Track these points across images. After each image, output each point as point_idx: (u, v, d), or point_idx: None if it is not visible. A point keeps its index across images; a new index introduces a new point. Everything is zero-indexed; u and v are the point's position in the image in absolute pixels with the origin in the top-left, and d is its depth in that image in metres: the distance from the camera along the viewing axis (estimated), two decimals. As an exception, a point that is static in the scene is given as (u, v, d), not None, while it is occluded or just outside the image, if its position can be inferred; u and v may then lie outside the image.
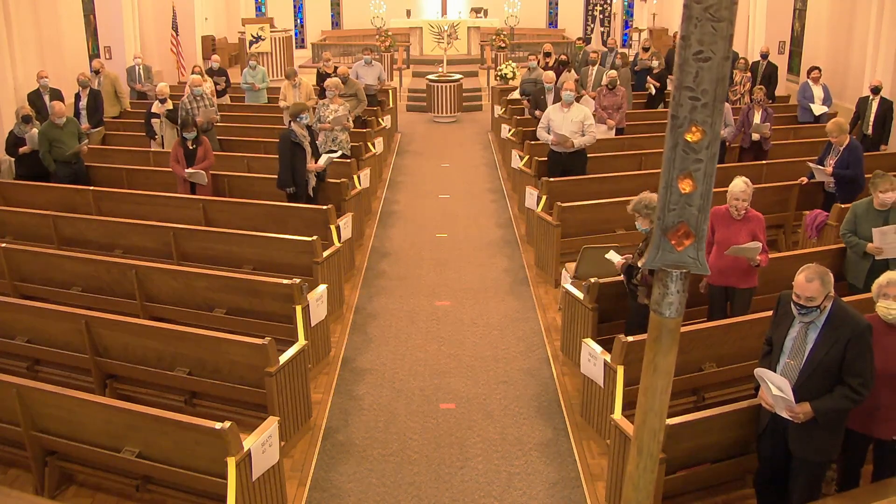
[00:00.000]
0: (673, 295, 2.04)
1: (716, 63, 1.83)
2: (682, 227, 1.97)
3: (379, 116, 12.13)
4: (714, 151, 1.90)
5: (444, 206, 10.19)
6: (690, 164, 1.90)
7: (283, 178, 7.61)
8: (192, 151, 8.04)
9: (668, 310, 2.06)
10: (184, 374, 4.93)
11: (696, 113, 1.87)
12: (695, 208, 1.94)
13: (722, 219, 5.41)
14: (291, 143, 7.53)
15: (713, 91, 1.85)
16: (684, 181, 1.91)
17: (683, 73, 1.86)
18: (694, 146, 1.88)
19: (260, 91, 12.65)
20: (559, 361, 6.13)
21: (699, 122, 1.87)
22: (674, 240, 1.98)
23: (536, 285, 7.61)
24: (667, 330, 2.07)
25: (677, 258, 2.01)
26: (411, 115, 16.38)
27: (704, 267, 2.01)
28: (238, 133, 10.70)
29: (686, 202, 1.94)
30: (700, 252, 1.99)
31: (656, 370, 2.13)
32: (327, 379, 5.90)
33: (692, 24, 1.81)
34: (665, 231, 1.98)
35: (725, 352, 4.91)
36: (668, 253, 2.01)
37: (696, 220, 1.96)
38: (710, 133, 1.88)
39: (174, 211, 7.62)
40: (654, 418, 2.18)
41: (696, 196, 1.93)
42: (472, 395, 5.66)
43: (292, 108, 7.73)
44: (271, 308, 5.62)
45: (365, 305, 7.19)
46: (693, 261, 2.01)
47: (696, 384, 4.94)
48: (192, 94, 9.77)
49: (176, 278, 5.89)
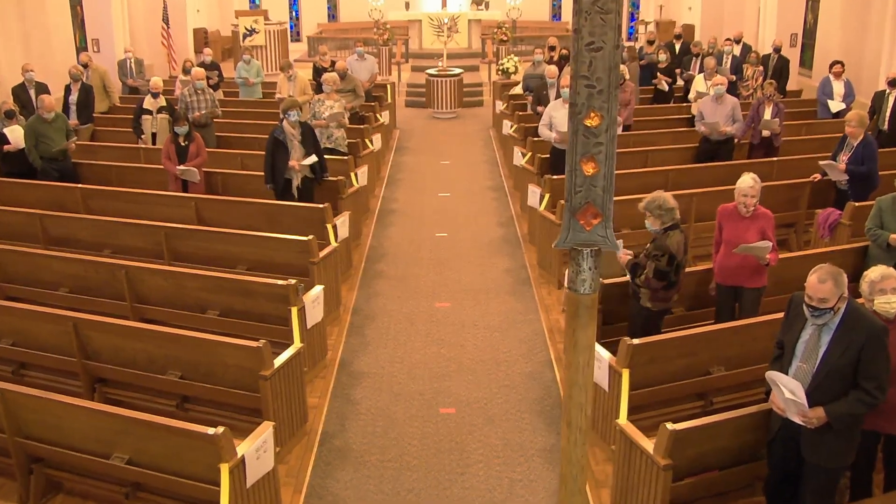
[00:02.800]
0: (586, 272, 2.21)
1: (607, 52, 2.00)
2: (588, 207, 2.14)
3: (377, 112, 12.12)
4: (613, 134, 2.09)
5: (443, 205, 10.19)
6: (592, 147, 2.08)
7: (265, 175, 7.73)
8: (184, 148, 8.04)
9: (583, 286, 2.24)
10: (175, 377, 4.92)
11: (593, 100, 2.05)
12: (599, 189, 2.13)
13: (730, 216, 5.41)
14: (274, 140, 7.56)
15: (607, 78, 2.02)
16: (587, 164, 2.10)
17: (578, 64, 2.03)
18: (594, 130, 2.06)
19: (255, 86, 12.63)
20: (563, 364, 6.11)
21: (597, 108, 2.05)
22: (582, 220, 2.15)
23: (539, 286, 7.61)
24: (583, 306, 2.25)
25: (587, 237, 2.18)
26: (410, 110, 16.37)
27: (614, 244, 2.17)
28: (232, 129, 10.69)
29: (591, 183, 2.12)
30: (608, 230, 2.17)
31: (577, 345, 2.30)
32: (324, 383, 5.90)
33: (583, 18, 1.99)
34: (573, 212, 2.16)
35: (734, 354, 4.90)
36: (578, 233, 2.18)
37: (602, 199, 2.14)
38: (608, 118, 2.06)
39: (166, 209, 7.61)
40: (579, 392, 2.35)
41: (599, 177, 2.11)
42: (472, 400, 5.66)
43: (283, 104, 7.75)
44: (266, 309, 5.61)
45: (362, 307, 7.19)
46: (602, 238, 2.18)
47: (704, 388, 4.95)
48: (192, 88, 9.77)
49: (167, 279, 5.88)
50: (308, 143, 7.77)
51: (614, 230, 2.20)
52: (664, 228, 5.06)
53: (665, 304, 5.24)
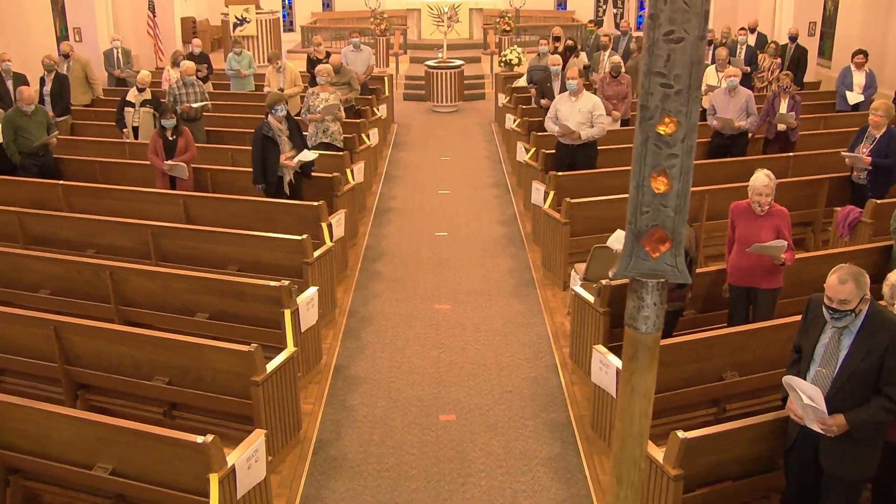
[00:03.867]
0: (649, 308, 1.96)
1: (689, 44, 1.75)
2: (657, 231, 1.88)
3: (374, 106, 12.13)
4: (691, 145, 1.82)
5: (443, 203, 10.20)
6: (664, 159, 1.82)
7: (254, 173, 7.71)
8: (171, 142, 8.03)
9: (645, 324, 1.98)
10: (162, 383, 4.92)
11: (669, 102, 1.78)
12: (670, 209, 1.86)
13: (743, 214, 5.41)
14: (263, 137, 7.56)
15: (687, 76, 1.77)
16: (658, 179, 1.84)
17: (653, 57, 1.77)
18: (667, 139, 1.80)
19: (246, 78, 12.63)
20: (568, 369, 6.13)
21: (672, 113, 1.79)
22: (648, 246, 1.89)
23: (543, 287, 7.61)
24: (644, 347, 2.00)
25: (653, 266, 1.92)
26: (409, 104, 16.39)
27: (684, 275, 1.92)
28: (222, 123, 10.70)
29: (660, 203, 1.86)
30: (678, 258, 1.90)
31: (634, 391, 2.06)
32: (318, 388, 5.90)
33: (661, 1, 1.74)
34: (638, 236, 1.90)
35: (748, 359, 4.90)
36: (642, 260, 1.92)
37: (673, 222, 1.87)
38: (686, 124, 1.80)
39: (152, 207, 7.61)
40: (633, 445, 2.11)
41: (671, 196, 1.85)
42: (473, 406, 5.66)
43: (268, 99, 7.75)
44: (258, 312, 5.61)
45: (359, 309, 7.19)
46: (671, 269, 1.92)
47: (717, 394, 4.94)
48: (182, 81, 9.76)
49: (154, 280, 5.88)
50: (295, 137, 7.79)
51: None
52: None
53: (680, 304, 5.26)
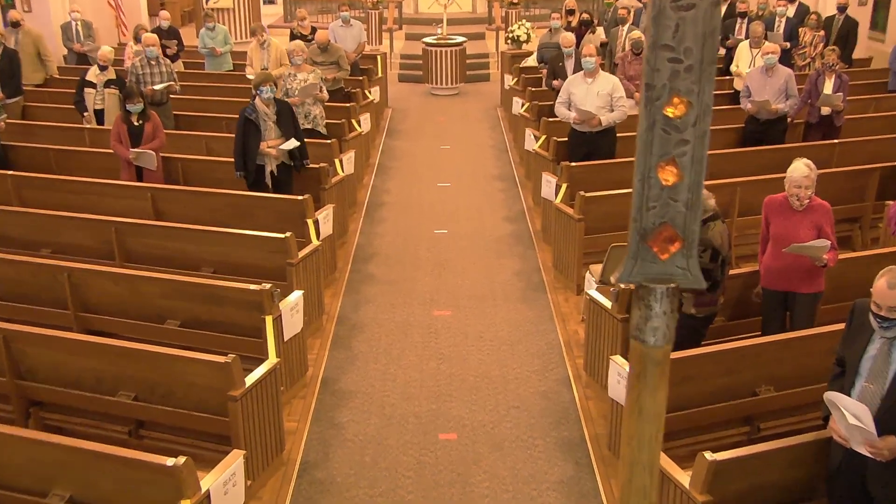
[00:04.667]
0: (658, 318, 1.88)
1: (702, 12, 1.69)
2: (665, 229, 1.82)
3: (365, 88, 12.13)
4: (704, 129, 1.77)
5: (443, 197, 10.21)
6: (673, 146, 1.76)
7: (235, 160, 7.78)
8: (137, 128, 8.03)
9: (654, 336, 1.89)
10: (128, 399, 4.91)
11: (679, 80, 1.72)
12: (681, 204, 1.80)
13: (779, 210, 5.41)
14: (245, 121, 7.60)
15: (699, 50, 1.71)
16: (666, 170, 1.78)
17: (660, 28, 1.70)
18: (676, 123, 1.74)
19: (223, 56, 12.62)
20: (582, 383, 6.14)
21: (682, 92, 1.73)
22: (656, 246, 1.82)
23: (554, 291, 7.63)
24: (652, 363, 1.92)
25: (661, 270, 1.85)
26: (404, 86, 16.39)
27: (698, 279, 1.85)
28: (195, 107, 10.69)
29: (670, 197, 1.80)
30: (691, 260, 1.84)
31: (642, 413, 1.98)
32: (304, 404, 5.91)
33: None
34: (644, 236, 1.83)
35: (784, 372, 4.90)
36: (649, 263, 1.84)
37: (685, 219, 1.81)
38: (698, 105, 1.74)
39: (116, 201, 7.61)
40: (642, 474, 2.05)
41: (682, 188, 1.79)
42: (477, 424, 5.67)
43: (254, 80, 7.75)
44: (236, 319, 5.62)
45: (349, 315, 7.20)
46: (682, 272, 1.84)
47: (749, 411, 4.95)
48: (145, 58, 9.74)
49: (118, 283, 5.88)
50: (286, 123, 7.78)
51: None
52: (703, 221, 5.07)
53: (711, 308, 5.27)
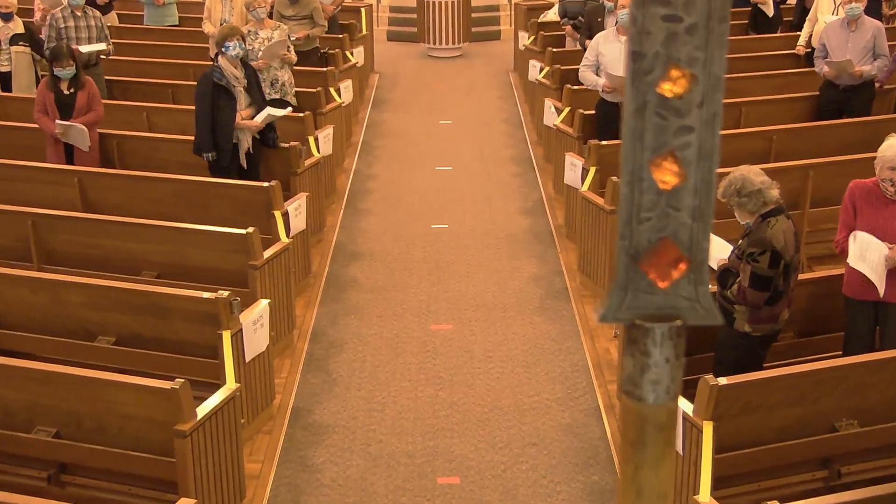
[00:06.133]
0: (659, 367, 1.69)
1: None
2: (665, 247, 1.65)
3: (346, 49, 12.12)
4: (714, 111, 1.57)
5: (443, 184, 10.22)
6: (671, 136, 1.58)
7: (200, 138, 7.66)
8: (68, 98, 8.00)
9: (653, 392, 1.71)
10: (48, 436, 4.89)
11: (678, 45, 1.54)
12: (685, 214, 1.63)
13: (869, 198, 5.38)
14: (213, 87, 7.54)
15: (706, 2, 1.53)
16: (664, 168, 1.61)
17: None
18: (676, 105, 1.57)
19: (167, 6, 12.66)
20: (615, 414, 6.10)
21: (683, 62, 1.55)
22: (652, 270, 1.66)
23: (581, 300, 7.62)
24: (654, 426, 1.74)
25: (661, 302, 1.68)
26: (394, 46, 16.45)
27: (711, 313, 1.67)
28: (133, 72, 10.71)
29: (669, 205, 1.62)
30: (701, 288, 1.67)
31: (642, 495, 1.80)
32: (269, 440, 5.89)
33: None
34: (635, 257, 1.66)
35: (872, 403, 4.87)
36: (643, 294, 1.68)
37: (691, 233, 1.64)
38: (705, 79, 1.57)
39: (34, 188, 7.59)
40: None
41: (685, 193, 1.61)
42: (484, 465, 5.65)
43: (218, 34, 7.72)
44: (185, 335, 5.61)
45: (326, 330, 7.19)
46: (690, 304, 1.67)
47: (828, 451, 4.91)
48: (68, 7, 9.68)
49: (37, 290, 5.86)
50: (254, 90, 7.80)
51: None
52: (762, 216, 5.04)
53: (771, 326, 5.22)
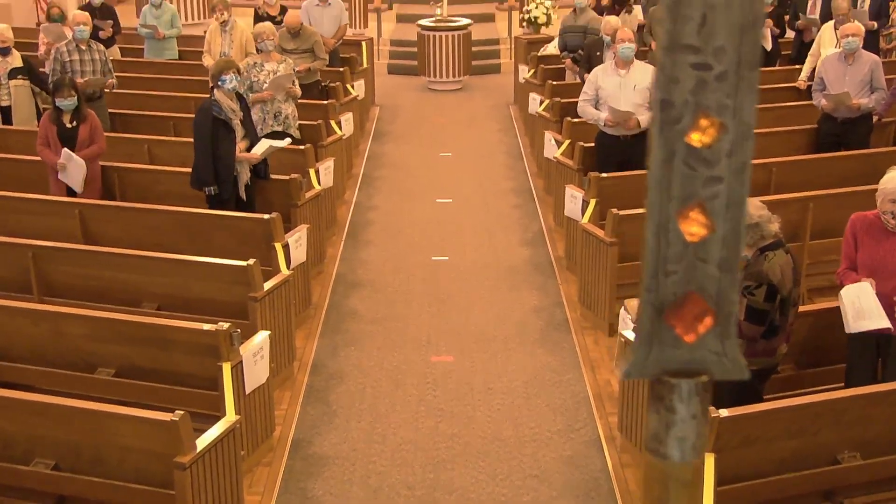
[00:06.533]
0: (686, 423, 1.70)
1: None
2: (692, 301, 1.65)
3: (347, 81, 12.19)
4: (744, 161, 1.57)
5: (443, 216, 10.25)
6: (700, 186, 1.57)
7: (200, 171, 7.69)
8: (70, 131, 8.02)
9: (679, 449, 1.73)
10: (47, 468, 4.88)
11: (707, 93, 1.52)
12: (713, 266, 1.62)
13: (870, 231, 5.39)
14: (213, 121, 7.60)
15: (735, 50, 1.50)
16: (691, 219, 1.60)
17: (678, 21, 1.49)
18: (705, 155, 1.55)
19: (167, 41, 12.71)
20: (616, 446, 6.11)
21: (713, 110, 1.53)
22: (679, 325, 1.65)
23: (582, 332, 7.62)
24: (678, 484, 1.77)
25: (688, 357, 1.67)
26: (395, 78, 16.52)
27: (739, 367, 1.67)
28: (134, 104, 10.75)
29: (697, 256, 1.62)
30: (727, 343, 1.67)
31: None
32: (269, 472, 5.88)
33: None
34: (661, 311, 1.65)
35: (874, 435, 4.87)
36: (670, 349, 1.67)
37: (719, 285, 1.63)
38: (735, 128, 1.55)
39: (35, 220, 7.61)
40: None
41: (713, 244, 1.61)
42: (485, 497, 5.64)
43: (214, 68, 7.79)
44: (185, 366, 5.61)
45: (326, 362, 7.19)
46: (718, 358, 1.67)
47: (830, 483, 4.90)
48: (73, 42, 9.75)
49: (37, 322, 5.87)
50: (248, 122, 7.89)
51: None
52: (760, 249, 5.06)
53: (767, 361, 5.22)
